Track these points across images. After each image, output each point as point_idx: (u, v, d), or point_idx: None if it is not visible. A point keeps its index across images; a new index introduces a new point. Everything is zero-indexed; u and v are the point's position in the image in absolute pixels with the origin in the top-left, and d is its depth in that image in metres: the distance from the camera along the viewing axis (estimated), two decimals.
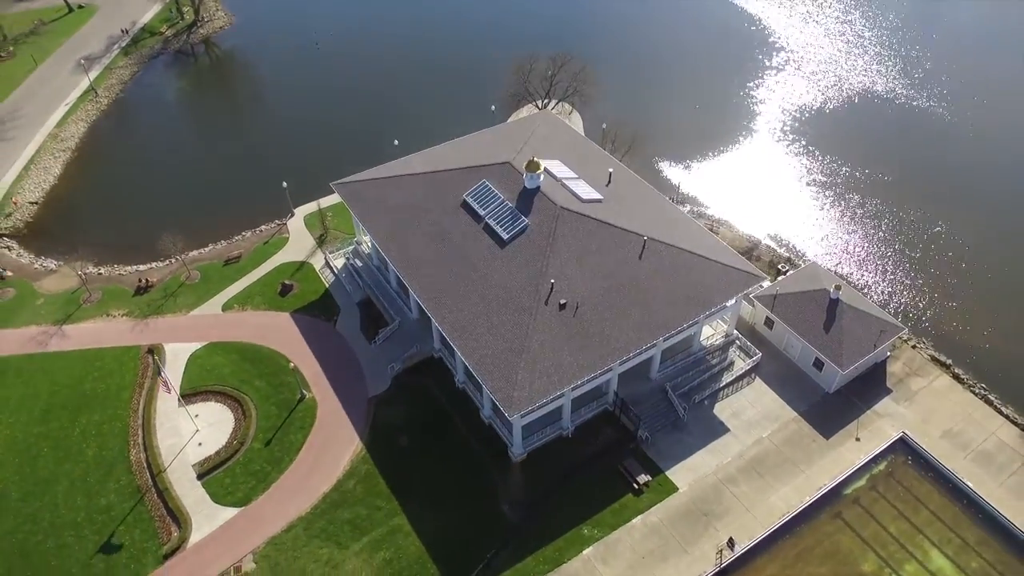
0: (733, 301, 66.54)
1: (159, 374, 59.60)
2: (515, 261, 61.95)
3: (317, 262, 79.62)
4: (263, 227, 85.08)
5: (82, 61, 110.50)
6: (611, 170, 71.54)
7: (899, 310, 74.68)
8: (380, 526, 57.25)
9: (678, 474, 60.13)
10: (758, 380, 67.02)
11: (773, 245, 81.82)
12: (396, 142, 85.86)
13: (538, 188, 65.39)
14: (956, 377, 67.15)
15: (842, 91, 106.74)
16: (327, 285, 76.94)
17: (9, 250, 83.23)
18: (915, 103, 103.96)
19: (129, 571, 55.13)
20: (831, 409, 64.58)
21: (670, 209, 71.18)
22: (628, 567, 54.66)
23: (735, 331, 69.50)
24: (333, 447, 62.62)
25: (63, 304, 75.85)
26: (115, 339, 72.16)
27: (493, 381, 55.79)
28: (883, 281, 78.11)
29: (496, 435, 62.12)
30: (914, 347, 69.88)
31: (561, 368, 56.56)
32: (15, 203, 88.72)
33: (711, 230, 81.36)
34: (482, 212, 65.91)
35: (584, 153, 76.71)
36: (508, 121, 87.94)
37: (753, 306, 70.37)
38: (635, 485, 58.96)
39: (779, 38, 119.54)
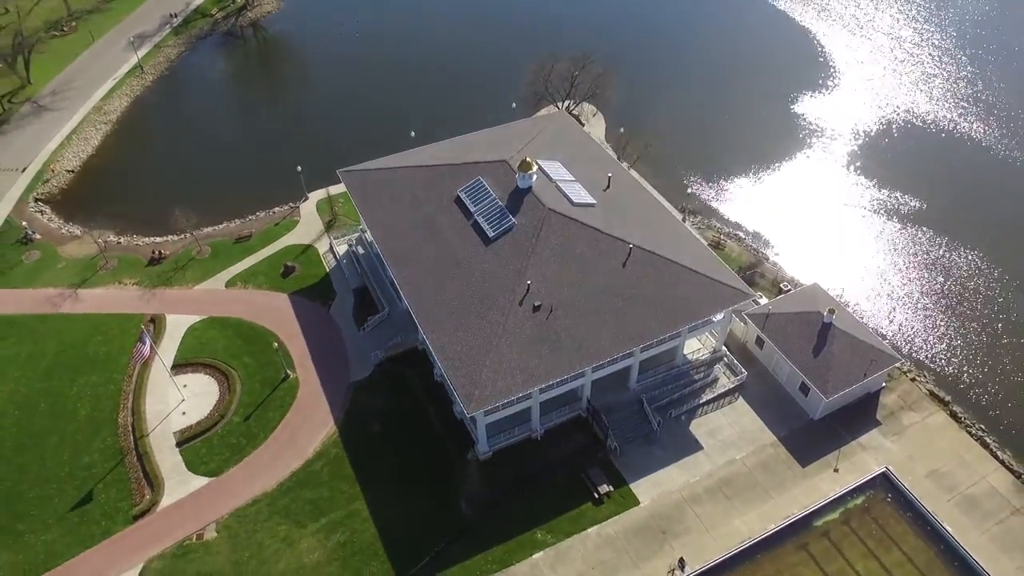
0: (721, 316, 65.06)
1: (141, 340, 61.89)
2: (497, 259, 61.94)
3: (322, 247, 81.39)
4: (277, 209, 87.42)
5: (132, 39, 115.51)
6: (610, 175, 70.69)
7: (906, 341, 71.42)
8: (340, 509, 58.36)
9: (642, 488, 59.18)
10: (741, 400, 65.26)
11: (781, 263, 79.33)
12: (413, 133, 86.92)
13: (530, 188, 65.13)
14: (953, 415, 63.90)
15: (882, 111, 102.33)
16: (328, 269, 78.57)
17: (41, 214, 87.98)
18: (960, 129, 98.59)
19: (100, 528, 57.77)
20: (813, 437, 62.37)
21: (667, 218, 69.87)
22: None
23: (723, 348, 67.82)
24: (307, 428, 64.08)
25: (81, 269, 79.76)
26: (123, 306, 75.43)
27: (457, 377, 56.04)
28: (894, 309, 74.70)
29: (466, 431, 62.36)
30: (913, 380, 66.78)
31: (527, 370, 56.34)
32: (53, 170, 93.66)
33: (717, 243, 79.69)
34: (472, 208, 66.11)
35: (590, 156, 75.98)
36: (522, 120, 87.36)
37: (745, 324, 68.49)
38: (595, 494, 58.36)
39: (823, 51, 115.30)
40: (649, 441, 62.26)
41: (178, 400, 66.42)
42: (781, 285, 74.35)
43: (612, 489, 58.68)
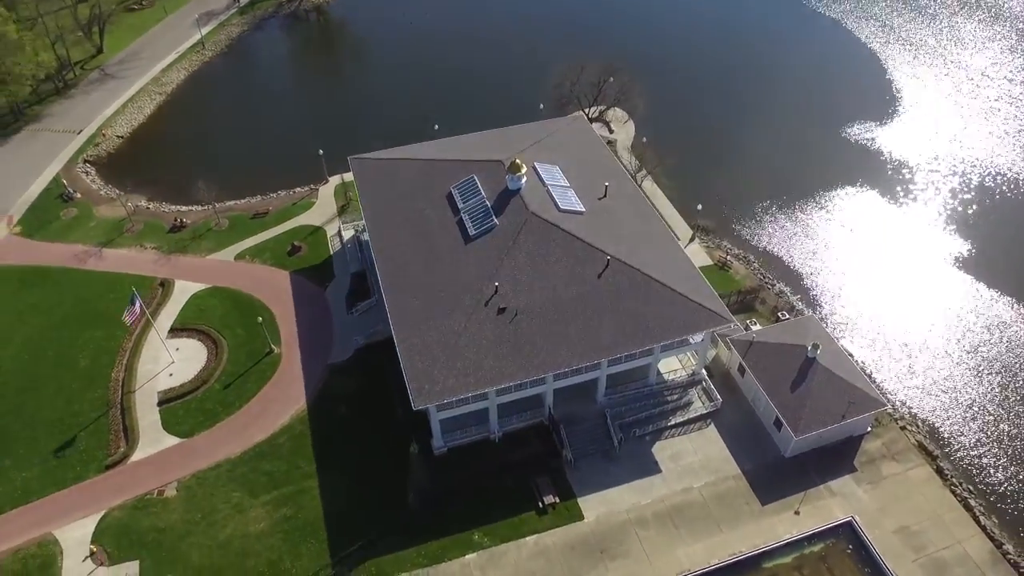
0: (701, 339, 63.04)
1: (133, 303, 65.24)
2: (472, 258, 62.09)
3: (331, 229, 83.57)
4: (298, 189, 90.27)
5: (198, 16, 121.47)
6: (607, 184, 69.43)
7: (907, 388, 66.84)
8: (292, 484, 60.04)
9: (590, 503, 58.09)
10: (712, 427, 62.98)
11: (787, 291, 75.78)
12: (436, 126, 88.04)
13: (518, 190, 64.94)
14: (939, 471, 59.64)
15: (935, 145, 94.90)
16: (331, 252, 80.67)
17: (86, 174, 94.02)
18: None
19: (75, 472, 61.54)
20: (780, 475, 59.51)
21: (659, 234, 67.78)
22: None
23: (703, 371, 65.60)
24: (280, 402, 66.12)
25: (109, 229, 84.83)
26: (139, 268, 79.75)
27: (412, 370, 56.60)
28: (903, 354, 69.74)
29: (428, 425, 62.77)
30: (903, 428, 62.68)
31: (482, 370, 56.31)
32: (104, 135, 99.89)
33: (723, 263, 77.07)
34: (461, 206, 66.49)
35: (597, 164, 74.71)
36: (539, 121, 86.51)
37: (730, 350, 65.97)
38: (540, 503, 57.75)
39: (882, 77, 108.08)
40: (608, 458, 60.99)
41: (168, 362, 69.83)
42: (779, 313, 71.16)
43: (558, 500, 57.88)
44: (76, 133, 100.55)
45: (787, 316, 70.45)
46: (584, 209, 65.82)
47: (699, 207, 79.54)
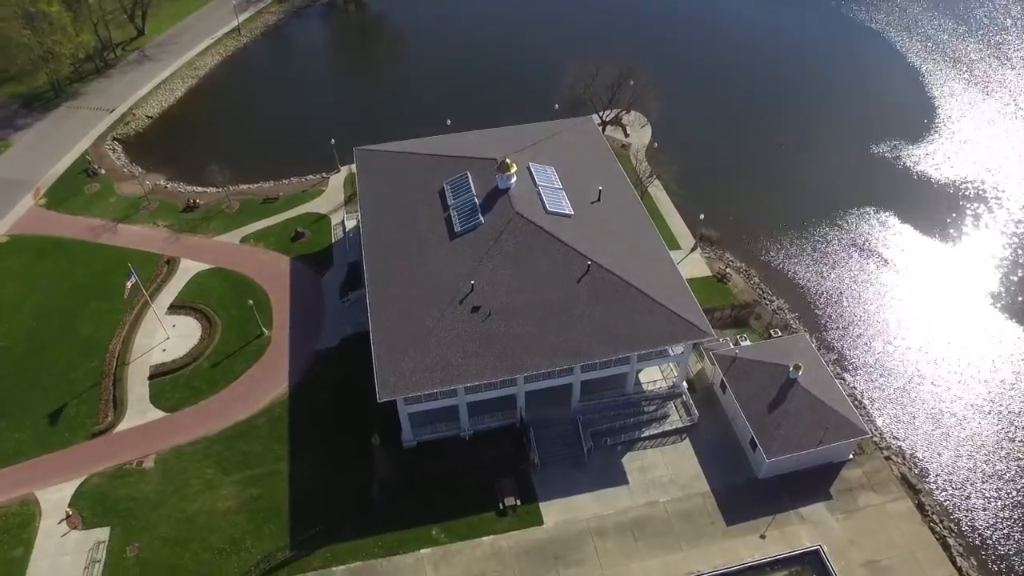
0: (680, 351, 61.80)
1: (129, 277, 67.40)
2: (454, 255, 62.18)
3: (336, 218, 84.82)
4: (310, 176, 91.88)
5: (236, 3, 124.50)
6: (601, 188, 68.57)
7: (900, 417, 64.29)
8: (263, 466, 61.25)
9: (551, 509, 57.60)
10: (687, 442, 61.69)
11: (785, 307, 73.60)
12: (449, 122, 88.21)
13: (507, 190, 64.72)
14: (920, 506, 57.12)
15: (972, 172, 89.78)
16: (333, 241, 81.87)
17: (113, 152, 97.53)
18: None
19: (63, 438, 64.07)
20: (751, 496, 57.94)
21: (649, 242, 66.44)
22: None
23: (684, 384, 64.28)
24: (263, 384, 67.50)
25: (127, 206, 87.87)
26: (149, 245, 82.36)
27: (380, 363, 57.09)
28: (899, 383, 66.95)
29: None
30: (887, 458, 60.26)
31: (450, 368, 56.42)
32: (134, 114, 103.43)
33: (722, 276, 75.34)
34: (451, 202, 66.64)
35: (598, 167, 73.91)
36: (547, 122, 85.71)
37: (713, 364, 64.45)
38: (500, 505, 57.56)
39: (920, 96, 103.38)
40: (575, 464, 60.34)
41: (163, 338, 71.98)
42: (772, 331, 69.20)
43: (519, 503, 57.60)
44: (109, 111, 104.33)
45: (779, 334, 68.46)
46: (572, 212, 65.18)
47: (701, 216, 77.87)
